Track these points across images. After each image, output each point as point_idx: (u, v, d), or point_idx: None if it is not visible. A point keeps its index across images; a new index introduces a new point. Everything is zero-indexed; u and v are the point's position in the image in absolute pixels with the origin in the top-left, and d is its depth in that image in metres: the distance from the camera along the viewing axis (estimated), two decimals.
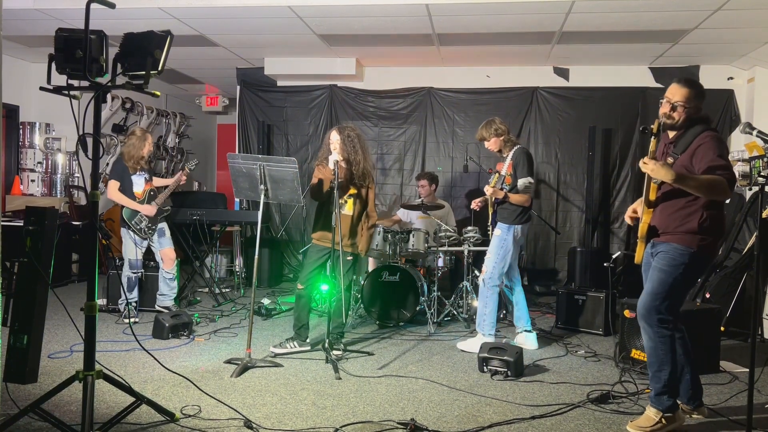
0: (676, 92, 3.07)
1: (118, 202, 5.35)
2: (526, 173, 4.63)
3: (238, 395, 3.56)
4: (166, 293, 5.57)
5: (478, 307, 4.81)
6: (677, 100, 3.06)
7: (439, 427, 3.14)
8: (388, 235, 5.69)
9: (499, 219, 4.71)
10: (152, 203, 5.44)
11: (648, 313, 3.10)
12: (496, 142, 4.76)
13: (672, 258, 3.06)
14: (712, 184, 2.88)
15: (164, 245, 5.55)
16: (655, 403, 3.14)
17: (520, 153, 4.72)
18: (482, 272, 4.79)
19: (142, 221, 5.38)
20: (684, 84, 3.08)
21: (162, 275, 5.56)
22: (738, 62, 6.98)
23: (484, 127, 4.77)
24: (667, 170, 2.85)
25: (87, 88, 2.76)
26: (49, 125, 7.83)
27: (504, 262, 4.67)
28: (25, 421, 2.95)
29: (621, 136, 7.43)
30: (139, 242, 5.42)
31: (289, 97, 8.14)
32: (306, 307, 4.56)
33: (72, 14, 5.73)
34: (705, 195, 2.94)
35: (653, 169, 2.87)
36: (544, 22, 5.85)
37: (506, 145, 4.77)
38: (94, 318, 2.86)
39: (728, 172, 2.93)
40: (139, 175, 5.44)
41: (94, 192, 2.84)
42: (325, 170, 4.41)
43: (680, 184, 2.89)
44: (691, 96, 3.05)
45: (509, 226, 4.66)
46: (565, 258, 7.45)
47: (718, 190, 2.90)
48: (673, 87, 3.10)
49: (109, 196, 5.39)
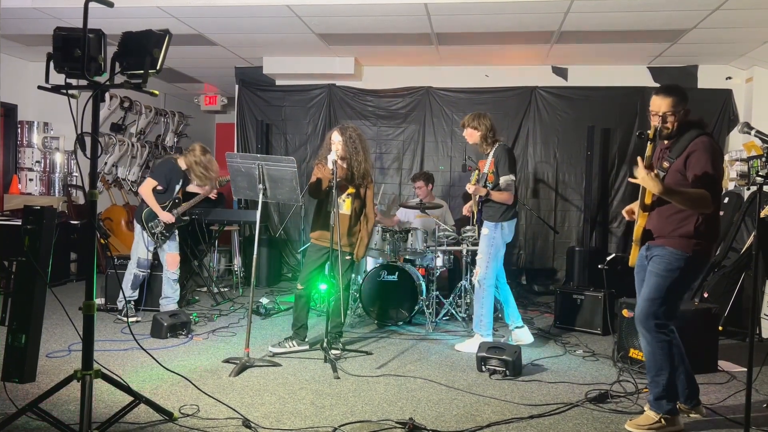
0: (661, 103, 3.08)
1: (146, 199, 5.36)
2: (507, 170, 4.62)
3: (236, 395, 3.56)
4: (170, 296, 5.55)
5: (474, 308, 4.81)
6: (665, 110, 3.07)
7: (438, 427, 3.14)
8: (387, 234, 5.69)
9: (485, 218, 4.71)
10: (173, 211, 5.45)
11: (646, 318, 3.10)
12: (472, 134, 4.75)
13: (668, 263, 3.07)
14: (696, 199, 2.95)
15: (171, 249, 5.54)
16: (655, 407, 3.14)
17: (501, 150, 4.70)
18: (475, 273, 4.80)
19: (158, 226, 5.38)
20: (664, 93, 3.08)
21: (165, 276, 5.55)
22: (736, 62, 6.99)
23: (472, 117, 4.75)
24: (655, 183, 2.91)
25: (85, 87, 2.75)
26: (48, 124, 7.81)
27: (496, 260, 4.68)
28: (23, 421, 2.95)
29: (619, 135, 7.44)
30: (150, 243, 5.42)
31: (287, 97, 8.13)
32: (305, 308, 4.56)
33: (70, 13, 5.73)
34: (689, 208, 3.00)
35: (643, 178, 2.92)
36: (542, 21, 5.85)
37: (487, 142, 4.75)
38: (93, 317, 2.86)
39: (714, 185, 2.99)
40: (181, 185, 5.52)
41: (93, 191, 2.83)
42: (324, 169, 4.41)
43: (667, 197, 2.96)
44: (675, 102, 3.06)
45: (495, 223, 4.66)
46: (563, 257, 7.45)
47: (701, 205, 2.97)
48: (655, 99, 3.10)
49: (141, 189, 5.43)
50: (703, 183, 2.96)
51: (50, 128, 7.84)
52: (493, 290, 4.71)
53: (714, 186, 2.99)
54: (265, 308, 5.86)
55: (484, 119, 4.74)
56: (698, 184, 2.96)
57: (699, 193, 2.94)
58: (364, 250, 4.61)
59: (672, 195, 2.95)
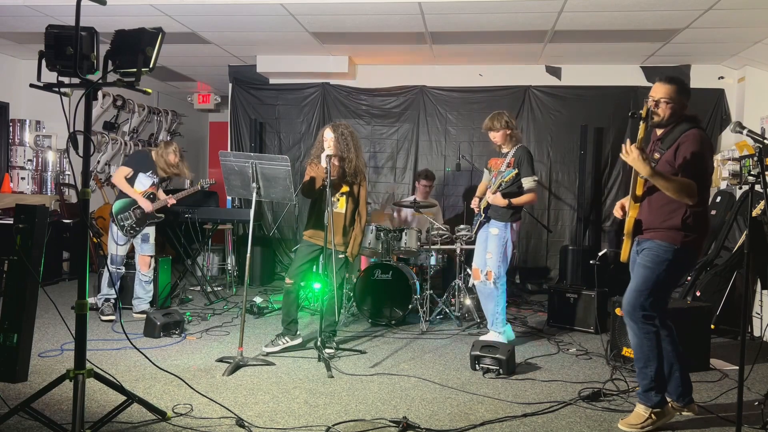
0: (659, 89, 3.14)
1: (120, 188, 5.33)
2: (531, 171, 4.68)
3: (230, 394, 3.55)
4: (141, 296, 5.52)
5: (489, 307, 4.78)
6: (660, 96, 3.12)
7: (432, 425, 3.14)
8: (381, 233, 5.69)
9: (494, 217, 4.73)
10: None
11: (633, 309, 3.13)
12: (503, 134, 4.74)
13: (656, 255, 3.09)
14: (681, 187, 2.97)
15: (144, 251, 5.48)
16: (644, 400, 3.16)
17: (523, 151, 4.72)
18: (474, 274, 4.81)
19: (127, 219, 5.32)
20: (666, 81, 3.14)
21: (138, 277, 5.51)
22: (729, 61, 7.03)
23: (495, 118, 4.72)
24: (644, 164, 2.93)
25: (78, 86, 2.74)
26: (40, 122, 7.77)
27: (506, 259, 4.72)
28: (15, 421, 2.93)
29: (612, 134, 7.46)
30: (120, 239, 5.35)
31: (281, 95, 8.12)
32: (294, 303, 4.56)
33: (62, 11, 5.69)
34: (673, 195, 3.00)
35: (635, 159, 2.94)
36: (536, 21, 5.86)
37: (510, 140, 4.78)
38: (85, 316, 2.85)
39: (701, 176, 3.01)
40: (150, 177, 5.45)
41: (85, 190, 2.82)
42: (317, 168, 4.40)
43: (654, 180, 2.99)
44: (673, 92, 3.10)
45: (506, 223, 4.69)
46: (556, 256, 7.47)
47: (686, 193, 2.98)
48: (656, 85, 3.17)
49: (114, 179, 5.40)
50: (691, 173, 2.99)
51: (42, 126, 7.80)
52: (505, 287, 4.75)
53: (701, 177, 3.02)
54: (259, 307, 5.85)
55: (508, 116, 4.74)
56: (686, 174, 2.99)
57: (684, 182, 2.97)
58: (357, 248, 4.61)
59: (658, 179, 2.97)
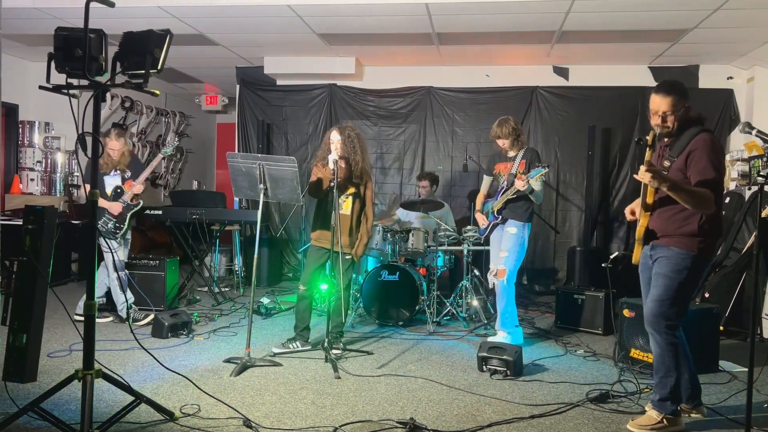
0: (661, 102, 3.04)
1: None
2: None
3: (237, 394, 3.56)
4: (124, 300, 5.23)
5: (499, 306, 4.80)
6: (665, 110, 3.04)
7: (439, 427, 3.14)
8: (388, 234, 5.68)
9: (512, 217, 4.76)
10: (119, 200, 5.21)
11: (656, 319, 3.08)
12: (511, 140, 4.79)
13: (675, 263, 3.05)
14: (701, 201, 2.94)
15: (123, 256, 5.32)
16: (658, 407, 3.14)
17: (532, 153, 4.82)
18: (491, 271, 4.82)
19: (107, 223, 5.18)
20: (664, 92, 3.04)
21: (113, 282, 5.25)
22: (737, 62, 6.98)
23: (502, 124, 4.76)
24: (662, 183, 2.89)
25: (86, 87, 2.76)
26: (49, 124, 7.82)
27: (521, 259, 4.77)
28: (25, 420, 2.95)
29: (620, 135, 7.43)
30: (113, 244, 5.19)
31: (288, 96, 8.14)
32: (308, 309, 4.57)
33: (71, 13, 5.72)
34: (692, 207, 2.97)
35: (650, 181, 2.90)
36: (543, 21, 5.84)
37: (516, 144, 4.80)
38: (93, 317, 2.86)
39: (716, 185, 2.97)
40: (113, 176, 5.29)
41: (94, 191, 2.84)
42: (324, 170, 4.41)
43: (673, 192, 2.93)
44: (675, 101, 3.02)
45: (523, 223, 4.75)
46: (564, 257, 7.44)
47: (704, 204, 2.95)
48: (655, 98, 3.06)
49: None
50: (705, 182, 2.94)
51: (51, 128, 7.84)
52: (514, 289, 4.77)
53: (716, 185, 2.98)
54: (266, 308, 5.86)
55: (513, 123, 4.78)
56: (700, 183, 2.94)
57: (703, 192, 2.92)
58: (363, 249, 4.61)
59: (678, 191, 2.92)
